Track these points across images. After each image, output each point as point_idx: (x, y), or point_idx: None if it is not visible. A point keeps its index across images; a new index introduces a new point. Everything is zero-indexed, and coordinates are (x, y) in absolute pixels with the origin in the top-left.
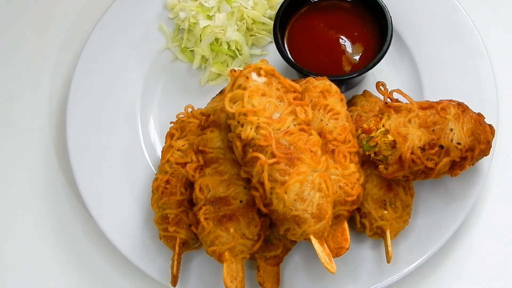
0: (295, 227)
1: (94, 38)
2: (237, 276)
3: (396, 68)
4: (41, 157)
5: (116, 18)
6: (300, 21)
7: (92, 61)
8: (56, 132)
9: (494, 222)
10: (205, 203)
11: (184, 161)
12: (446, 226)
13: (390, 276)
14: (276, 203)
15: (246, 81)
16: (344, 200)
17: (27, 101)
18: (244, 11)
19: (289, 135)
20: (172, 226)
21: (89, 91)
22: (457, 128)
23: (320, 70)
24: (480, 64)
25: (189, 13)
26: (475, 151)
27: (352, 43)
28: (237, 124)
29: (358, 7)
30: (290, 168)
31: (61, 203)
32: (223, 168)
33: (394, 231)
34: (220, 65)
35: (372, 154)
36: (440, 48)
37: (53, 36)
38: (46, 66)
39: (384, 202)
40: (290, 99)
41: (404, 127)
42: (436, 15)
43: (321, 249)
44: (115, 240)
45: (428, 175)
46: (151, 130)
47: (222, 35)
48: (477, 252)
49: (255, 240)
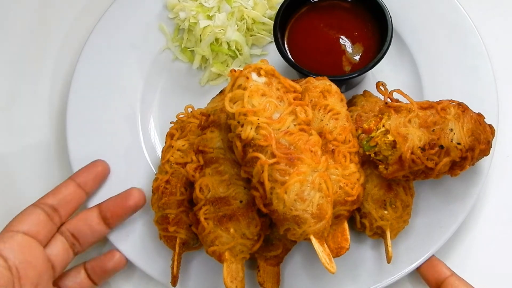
0: (295, 227)
1: (94, 38)
2: (237, 276)
3: (396, 68)
4: (41, 156)
5: (116, 18)
6: (300, 21)
7: (92, 61)
8: (56, 131)
9: (494, 222)
10: (205, 203)
11: (184, 161)
12: (446, 226)
13: (390, 276)
14: (276, 203)
15: (246, 81)
16: (344, 200)
17: (27, 101)
18: (244, 11)
19: (289, 135)
20: (172, 226)
21: (89, 91)
22: (457, 128)
23: (320, 70)
24: (480, 64)
25: (189, 13)
26: (475, 151)
27: (352, 43)
28: (237, 124)
29: (358, 7)
30: (290, 168)
31: None
32: (223, 168)
33: (394, 231)
34: (220, 65)
35: (372, 154)
36: (440, 48)
37: (53, 36)
38: (46, 66)
39: (384, 202)
40: (290, 99)
41: (404, 127)
42: (436, 15)
43: (321, 249)
44: (115, 240)
45: (428, 175)
46: (151, 130)
47: (222, 35)
48: (477, 252)
49: (255, 240)
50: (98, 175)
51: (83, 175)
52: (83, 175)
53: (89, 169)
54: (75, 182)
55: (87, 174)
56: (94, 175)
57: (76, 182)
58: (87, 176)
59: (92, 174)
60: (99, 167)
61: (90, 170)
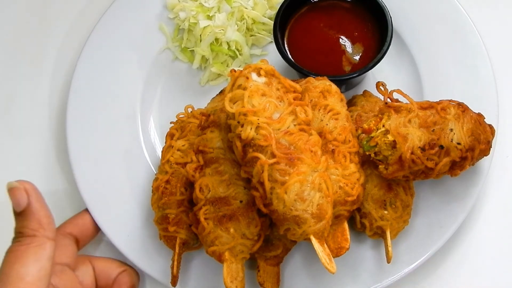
0: (295, 227)
1: (94, 38)
2: (237, 276)
3: (396, 68)
4: (41, 157)
5: (116, 18)
6: (300, 21)
7: (92, 61)
8: (56, 132)
9: (494, 222)
10: (205, 203)
11: (184, 161)
12: (446, 226)
13: (390, 276)
14: (276, 203)
15: (246, 81)
16: (344, 200)
17: (27, 101)
18: (244, 11)
19: (289, 135)
20: (172, 226)
21: (89, 91)
22: (457, 128)
23: (320, 70)
24: (480, 64)
25: (189, 13)
26: (475, 151)
27: (352, 43)
28: (237, 124)
29: (358, 7)
30: (290, 168)
31: (61, 202)
32: (223, 168)
33: (394, 231)
34: (220, 65)
35: (372, 154)
36: (440, 48)
37: (53, 36)
38: (46, 66)
39: (384, 202)
40: (290, 99)
41: (404, 127)
42: (436, 15)
43: (321, 249)
44: (115, 240)
45: (428, 175)
46: (151, 130)
47: (222, 35)
48: (477, 252)
49: (255, 240)
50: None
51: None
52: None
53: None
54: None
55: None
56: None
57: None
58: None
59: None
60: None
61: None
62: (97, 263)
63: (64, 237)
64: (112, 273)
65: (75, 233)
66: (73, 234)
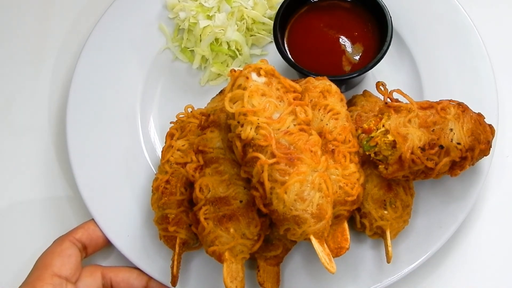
0: (295, 227)
1: (94, 38)
2: (237, 276)
3: (396, 68)
4: (41, 157)
5: (116, 18)
6: (300, 21)
7: (92, 61)
8: (56, 132)
9: (494, 222)
10: (205, 203)
11: (184, 161)
12: (446, 226)
13: (390, 276)
14: (276, 203)
15: (246, 81)
16: (344, 200)
17: (27, 101)
18: (244, 11)
19: (289, 135)
20: (172, 226)
21: (89, 91)
22: (457, 128)
23: (320, 70)
24: (480, 64)
25: (189, 13)
26: (475, 151)
27: (352, 43)
28: (237, 124)
29: (358, 7)
30: (290, 168)
31: (61, 202)
32: (223, 168)
33: (394, 231)
34: (220, 65)
35: (372, 154)
36: (440, 48)
37: (53, 36)
38: (46, 66)
39: (384, 202)
40: (290, 99)
41: (404, 127)
42: (436, 15)
43: (321, 249)
44: (115, 240)
45: (428, 175)
46: (151, 130)
47: (222, 35)
48: (477, 252)
49: (255, 240)
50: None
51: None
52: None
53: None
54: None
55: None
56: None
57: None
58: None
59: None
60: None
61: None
62: (113, 273)
63: (70, 247)
64: (135, 283)
65: (84, 239)
66: (82, 240)
